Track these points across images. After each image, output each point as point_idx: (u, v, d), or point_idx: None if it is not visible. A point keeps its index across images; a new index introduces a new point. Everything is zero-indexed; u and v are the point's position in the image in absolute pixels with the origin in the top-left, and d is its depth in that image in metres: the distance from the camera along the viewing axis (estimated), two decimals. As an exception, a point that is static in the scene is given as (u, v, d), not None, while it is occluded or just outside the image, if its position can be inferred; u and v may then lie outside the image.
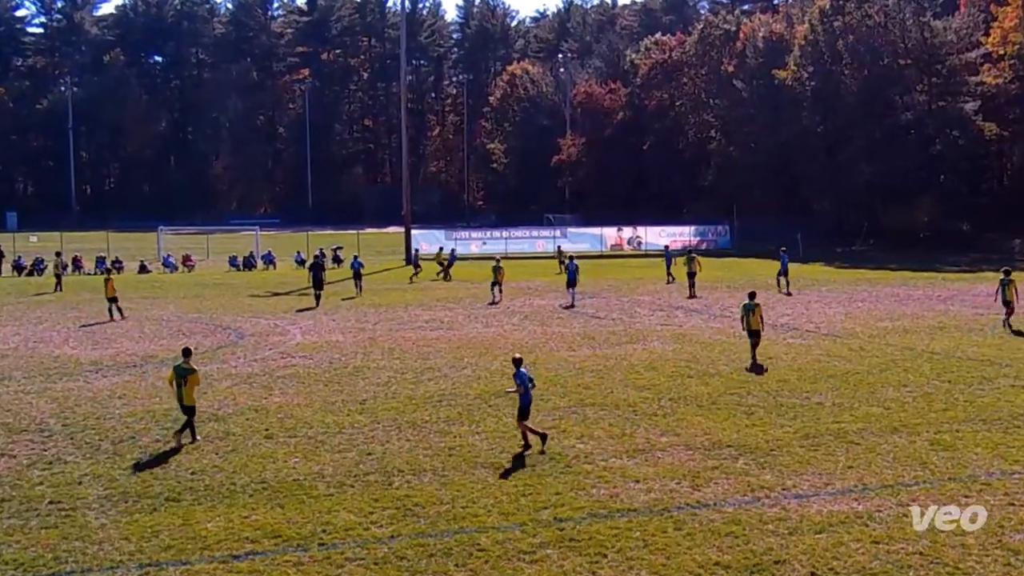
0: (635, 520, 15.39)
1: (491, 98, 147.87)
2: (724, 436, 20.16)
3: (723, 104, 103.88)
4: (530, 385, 19.66)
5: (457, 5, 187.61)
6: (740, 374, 26.79)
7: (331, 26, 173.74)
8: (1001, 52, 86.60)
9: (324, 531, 15.11)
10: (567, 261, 48.63)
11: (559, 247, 68.41)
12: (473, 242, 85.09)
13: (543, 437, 19.54)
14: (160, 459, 18.91)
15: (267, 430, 21.03)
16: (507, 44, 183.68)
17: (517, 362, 19.92)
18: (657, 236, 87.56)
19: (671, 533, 14.82)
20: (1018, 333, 34.16)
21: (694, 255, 49.70)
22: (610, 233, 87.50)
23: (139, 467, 18.40)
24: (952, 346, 31.55)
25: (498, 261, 48.55)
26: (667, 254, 59.29)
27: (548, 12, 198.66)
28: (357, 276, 49.86)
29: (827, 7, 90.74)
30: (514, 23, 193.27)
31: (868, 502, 16.06)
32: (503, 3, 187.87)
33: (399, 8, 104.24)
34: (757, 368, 27.80)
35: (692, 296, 46.72)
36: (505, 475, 17.72)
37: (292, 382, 26.19)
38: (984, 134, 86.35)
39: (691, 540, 14.54)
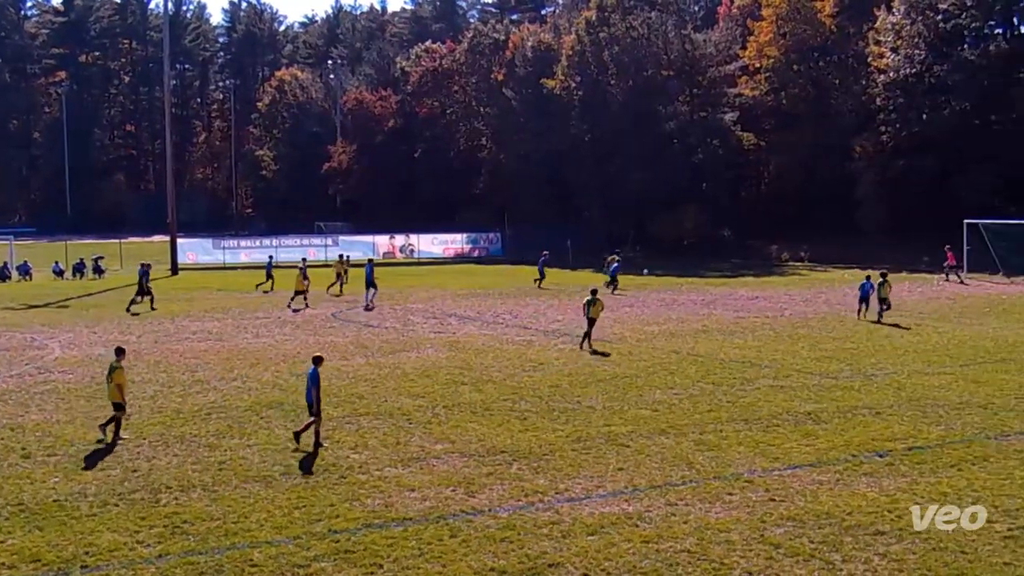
0: (411, 529, 15.28)
1: (259, 104, 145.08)
2: (498, 442, 20.27)
3: (493, 112, 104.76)
4: (310, 384, 19.96)
5: (223, 8, 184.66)
6: (513, 380, 27.03)
7: (89, 27, 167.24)
8: (757, 65, 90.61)
9: (87, 553, 14.42)
10: (367, 264, 50.00)
11: (341, 255, 67.84)
12: (242, 251, 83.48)
13: (297, 436, 20.11)
14: (-96, 483, 17.75)
15: (24, 449, 19.98)
16: (275, 49, 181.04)
17: (317, 360, 20.67)
18: (430, 244, 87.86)
19: (447, 541, 14.77)
20: (892, 325, 37.34)
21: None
22: (382, 241, 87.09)
23: None
24: (715, 349, 32.68)
25: (303, 267, 47.89)
26: (541, 260, 59.55)
27: (317, 17, 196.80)
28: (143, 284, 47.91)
29: (593, 18, 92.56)
30: (282, 28, 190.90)
31: (638, 503, 16.39)
32: (271, 7, 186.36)
33: (161, 10, 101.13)
34: (593, 351, 31.61)
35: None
36: (278, 488, 17.33)
37: (51, 398, 24.99)
38: (743, 144, 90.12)
39: (467, 547, 14.53)
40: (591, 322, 33.30)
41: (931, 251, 60.63)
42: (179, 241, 75.01)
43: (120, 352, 21.80)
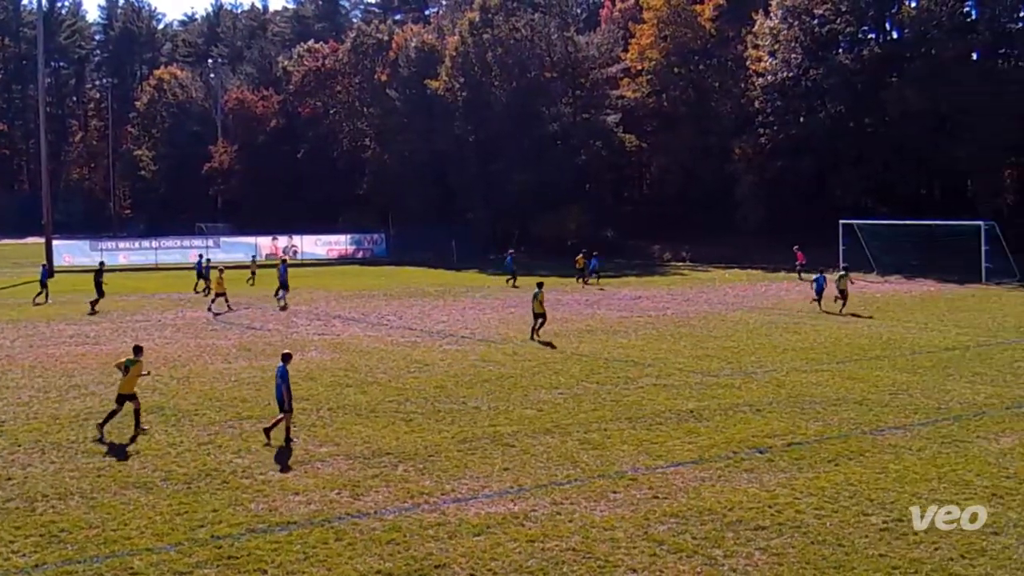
0: (295, 533, 15.12)
1: (138, 103, 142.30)
2: (383, 444, 20.17)
3: (377, 112, 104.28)
4: (279, 381, 20.41)
5: (99, 5, 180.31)
6: (398, 382, 26.92)
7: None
8: (639, 67, 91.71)
9: (-42, 565, 14.01)
10: (280, 264, 50.70)
11: (253, 256, 67.15)
12: (121, 252, 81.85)
13: (267, 432, 20.43)
14: None
15: None
16: (154, 47, 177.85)
17: (285, 357, 21.08)
18: (313, 245, 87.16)
19: (332, 544, 14.64)
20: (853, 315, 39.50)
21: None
22: (265, 242, 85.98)
23: None
24: (599, 348, 32.96)
25: (221, 271, 47.11)
26: (508, 259, 60.16)
27: (197, 16, 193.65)
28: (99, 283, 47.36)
29: (476, 20, 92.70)
30: (161, 26, 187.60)
31: (524, 502, 16.45)
32: (149, 5, 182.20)
33: (35, 6, 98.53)
34: (544, 343, 33.40)
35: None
36: (158, 494, 17.00)
37: (-81, 405, 24.20)
38: (625, 145, 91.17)
39: (352, 550, 14.43)
40: (536, 316, 35.26)
41: (808, 250, 61.99)
42: (55, 243, 73.14)
43: (138, 350, 22.51)
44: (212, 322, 41.11)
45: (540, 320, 35.38)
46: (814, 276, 44.75)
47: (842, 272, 44.36)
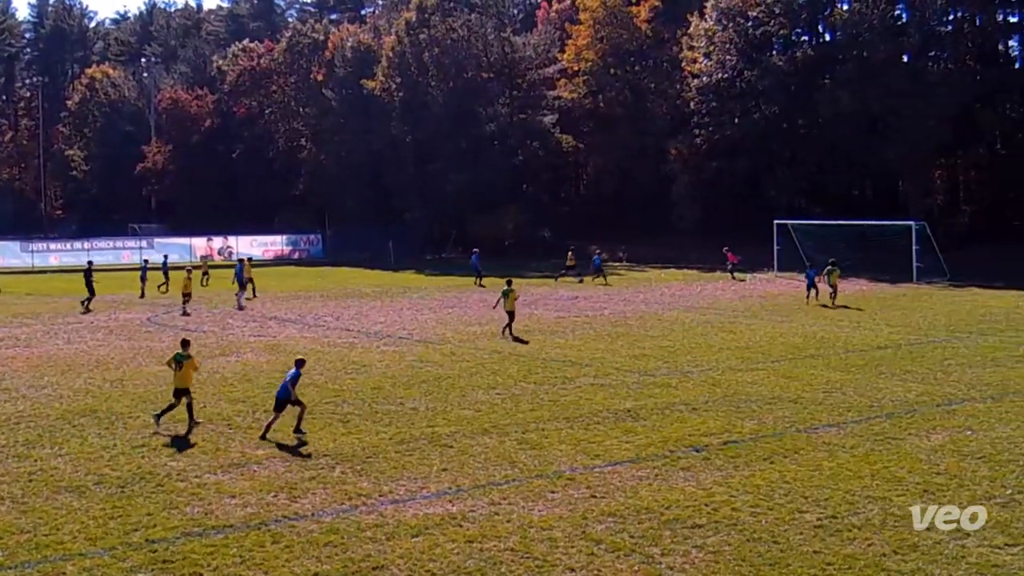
0: (231, 536, 14.99)
1: (69, 102, 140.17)
2: (320, 445, 20.06)
3: (313, 112, 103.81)
4: (289, 383, 20.95)
5: (30, 3, 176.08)
6: (335, 383, 26.79)
7: None
8: (576, 68, 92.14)
9: None
10: (236, 264, 51.16)
11: (204, 256, 66.69)
12: (52, 254, 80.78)
13: (297, 430, 20.91)
14: None
15: None
16: (85, 46, 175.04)
17: (299, 363, 21.63)
18: (249, 246, 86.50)
19: (269, 547, 14.54)
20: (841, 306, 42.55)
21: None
22: (200, 243, 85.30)
23: None
24: (537, 348, 33.02)
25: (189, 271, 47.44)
26: (474, 259, 59.91)
27: (130, 14, 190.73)
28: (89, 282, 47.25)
29: (413, 20, 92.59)
30: (93, 24, 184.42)
31: (462, 503, 16.43)
32: (80, 3, 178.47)
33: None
34: (517, 339, 34.45)
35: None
36: (91, 498, 16.78)
37: None
38: (562, 146, 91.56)
39: (289, 552, 14.33)
40: (510, 314, 36.02)
41: (744, 250, 62.53)
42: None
43: (186, 343, 22.88)
44: (145, 324, 40.66)
45: (510, 317, 36.23)
46: (806, 271, 48.79)
47: (830, 267, 46.62)
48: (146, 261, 58.96)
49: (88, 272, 47.93)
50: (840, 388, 25.49)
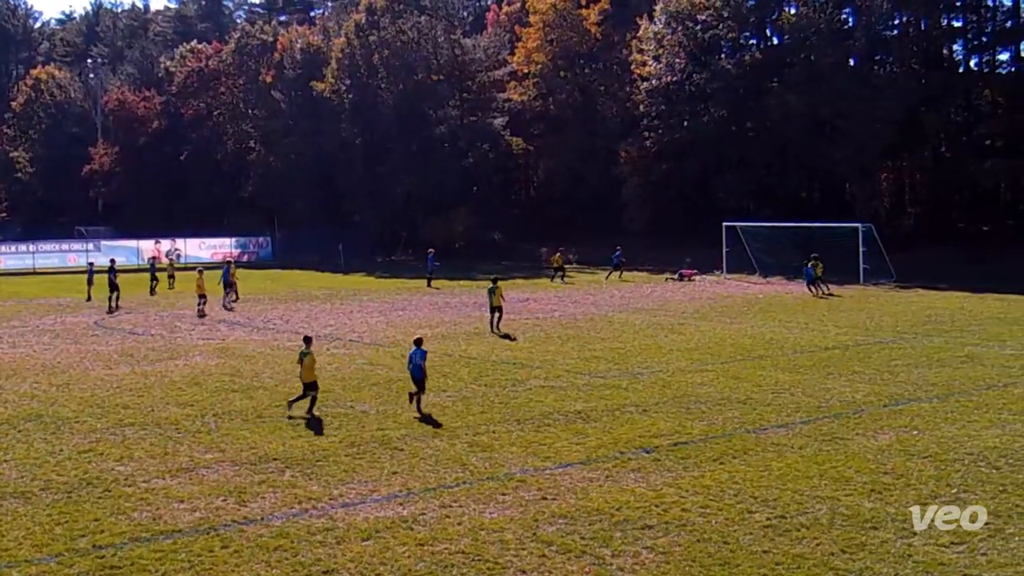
0: (180, 541, 14.85)
1: (14, 103, 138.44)
2: (270, 449, 19.94)
3: (262, 114, 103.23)
4: (419, 360, 23.31)
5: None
6: (285, 386, 26.59)
7: None
8: (526, 71, 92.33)
9: None
10: (224, 267, 51.18)
11: (151, 259, 66.03)
12: (-4, 257, 79.80)
13: (412, 396, 23.37)
14: None
15: None
16: (30, 47, 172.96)
17: (418, 342, 24.00)
18: (198, 248, 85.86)
19: (218, 552, 14.42)
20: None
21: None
22: (147, 246, 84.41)
23: None
24: (487, 351, 33.01)
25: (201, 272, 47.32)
26: (430, 259, 60.20)
27: (76, 14, 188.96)
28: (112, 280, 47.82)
29: (362, 21, 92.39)
30: (38, 24, 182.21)
31: (412, 506, 16.38)
32: (25, 3, 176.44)
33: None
34: (506, 336, 35.84)
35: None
36: (37, 504, 16.57)
37: None
38: (512, 148, 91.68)
39: (239, 557, 14.23)
40: (493, 310, 37.78)
41: (693, 252, 62.84)
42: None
43: (308, 340, 24.27)
44: (93, 327, 40.23)
45: (498, 314, 37.79)
46: (806, 267, 52.30)
47: (813, 261, 51.82)
48: (91, 264, 58.21)
49: (111, 272, 49.05)
50: (789, 389, 25.68)
